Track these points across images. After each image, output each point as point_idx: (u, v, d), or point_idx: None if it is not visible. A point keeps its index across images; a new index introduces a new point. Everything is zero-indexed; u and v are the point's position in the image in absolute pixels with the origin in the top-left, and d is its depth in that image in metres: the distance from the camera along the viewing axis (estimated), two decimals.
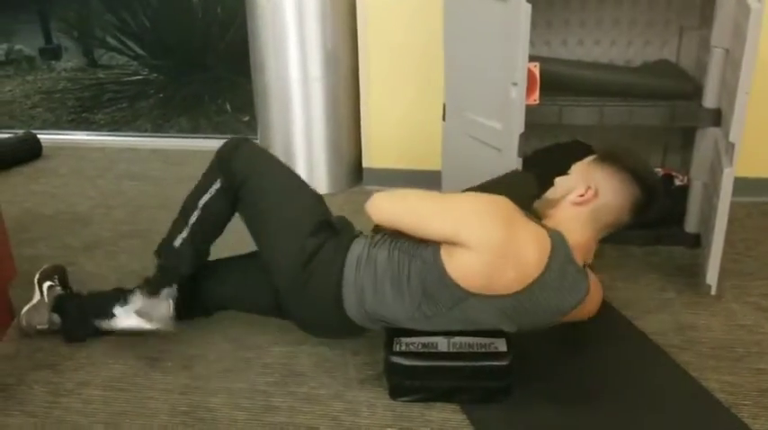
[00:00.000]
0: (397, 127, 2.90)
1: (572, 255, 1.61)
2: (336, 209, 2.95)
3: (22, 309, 1.99)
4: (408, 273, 1.63)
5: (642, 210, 1.69)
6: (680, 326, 2.00)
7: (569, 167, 2.54)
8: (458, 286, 1.57)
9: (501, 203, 1.60)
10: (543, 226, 1.63)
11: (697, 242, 2.34)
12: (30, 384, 1.81)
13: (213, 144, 3.51)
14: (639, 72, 2.46)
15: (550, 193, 1.77)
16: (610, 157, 1.72)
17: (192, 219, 1.84)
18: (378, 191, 1.71)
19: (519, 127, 2.02)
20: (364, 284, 1.67)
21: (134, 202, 2.91)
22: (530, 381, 1.72)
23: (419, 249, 1.63)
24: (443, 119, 2.40)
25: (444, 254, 1.58)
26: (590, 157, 1.78)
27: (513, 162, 2.05)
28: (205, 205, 1.84)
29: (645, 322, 2.02)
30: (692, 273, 2.25)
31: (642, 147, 2.67)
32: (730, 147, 1.95)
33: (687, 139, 2.56)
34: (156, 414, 1.68)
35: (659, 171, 2.61)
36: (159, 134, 3.68)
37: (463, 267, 1.56)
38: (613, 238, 2.20)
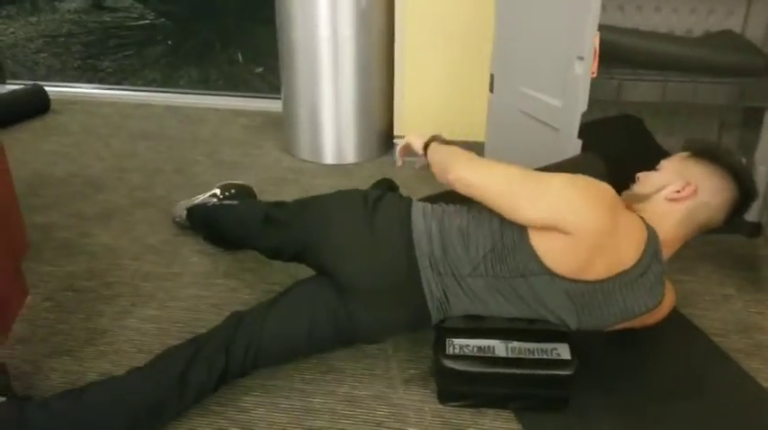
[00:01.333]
0: (433, 95, 2.72)
1: (660, 254, 1.48)
2: (363, 179, 2.81)
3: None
4: (480, 223, 1.52)
5: (738, 211, 1.56)
6: (744, 327, 1.86)
7: (621, 143, 2.40)
8: (539, 260, 1.44)
9: (603, 188, 1.46)
10: (640, 216, 1.50)
11: (757, 231, 2.19)
12: (47, 373, 1.67)
13: (228, 102, 3.38)
14: (704, 44, 2.27)
15: (638, 188, 1.62)
16: (709, 154, 1.58)
17: None
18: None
19: (582, 105, 1.84)
20: (432, 227, 1.55)
21: (149, 166, 2.74)
22: (588, 389, 1.59)
23: None
24: (491, 90, 2.22)
25: (533, 232, 1.45)
26: (683, 153, 1.62)
27: (571, 143, 1.88)
28: None
29: (704, 321, 1.88)
30: (753, 266, 2.11)
31: (697, 123, 2.50)
32: None
33: (747, 118, 2.40)
34: (179, 417, 1.55)
35: None
36: (172, 89, 3.49)
37: (555, 251, 1.42)
38: None
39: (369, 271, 1.55)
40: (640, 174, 1.64)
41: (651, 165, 2.36)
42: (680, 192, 1.53)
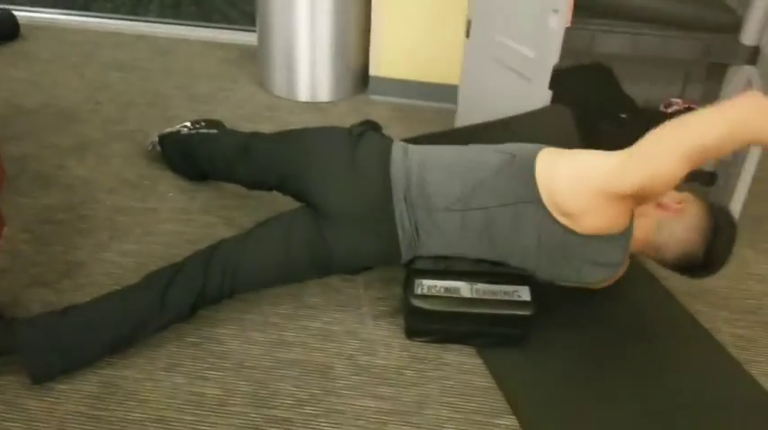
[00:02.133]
0: (410, 36, 2.72)
1: (630, 242, 1.60)
2: (339, 117, 2.84)
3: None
4: (471, 159, 1.62)
5: (686, 267, 1.65)
6: None
7: (590, 91, 2.46)
8: (535, 188, 1.53)
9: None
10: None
11: (712, 180, 2.29)
12: (26, 304, 1.73)
13: (201, 33, 3.33)
14: None
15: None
16: (717, 212, 1.64)
17: None
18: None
19: (553, 57, 1.89)
20: (411, 163, 1.63)
21: (123, 98, 2.72)
22: (545, 328, 1.70)
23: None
24: (467, 35, 2.24)
25: (541, 161, 1.56)
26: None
27: (542, 94, 1.93)
28: None
29: (655, 266, 1.98)
30: None
31: (662, 74, 2.56)
32: None
33: (711, 71, 2.46)
34: (163, 344, 1.63)
35: (678, 102, 2.52)
36: (144, 18, 3.41)
37: (561, 188, 1.52)
38: None
39: (346, 199, 1.62)
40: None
41: (616, 111, 2.44)
42: (672, 204, 1.61)
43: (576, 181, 1.50)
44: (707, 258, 1.61)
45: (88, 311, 1.57)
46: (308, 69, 2.75)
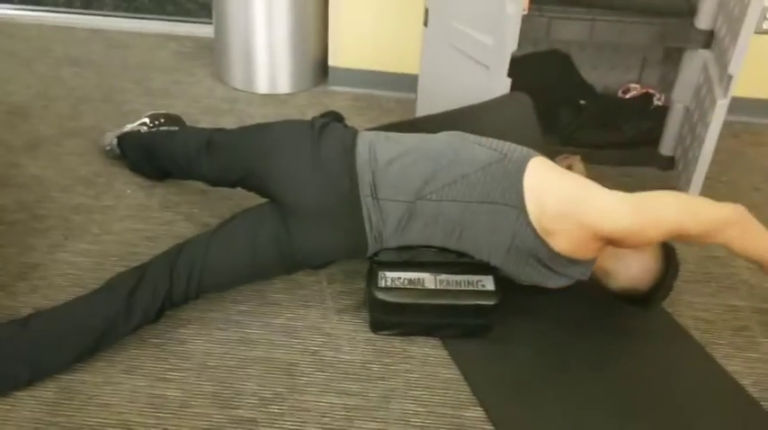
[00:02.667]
0: (369, 25, 2.70)
1: (592, 266, 1.64)
2: (299, 109, 2.81)
3: None
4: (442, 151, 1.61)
5: (624, 297, 1.71)
6: None
7: (548, 77, 2.46)
8: (522, 198, 1.53)
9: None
10: None
11: (670, 165, 2.32)
12: None
13: (156, 26, 3.26)
14: None
15: None
16: (671, 253, 1.70)
17: None
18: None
19: (512, 44, 1.88)
20: (377, 154, 1.61)
21: (76, 93, 2.66)
22: (510, 318, 1.69)
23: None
24: (425, 24, 2.23)
25: (530, 175, 1.56)
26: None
27: (501, 81, 1.93)
28: None
29: None
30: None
31: (620, 60, 2.58)
32: (727, 78, 1.88)
33: (668, 55, 2.49)
34: (123, 345, 1.59)
35: (637, 87, 2.54)
36: (97, 12, 3.33)
37: (548, 203, 1.53)
38: (588, 158, 2.18)
39: (311, 194, 1.59)
40: None
41: (575, 97, 2.45)
42: None
43: (564, 204, 1.51)
44: (647, 297, 1.68)
45: (52, 320, 1.53)
46: (266, 61, 2.71)
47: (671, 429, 1.50)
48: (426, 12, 2.21)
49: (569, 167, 2.11)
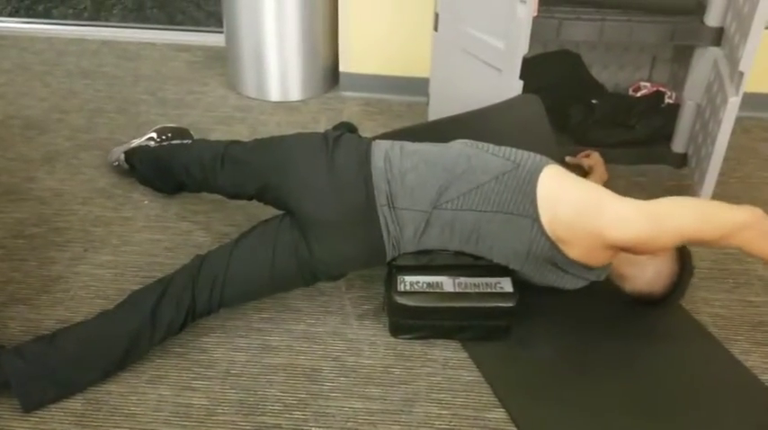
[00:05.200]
0: (378, 30, 2.71)
1: (608, 271, 1.67)
2: (311, 116, 2.82)
3: None
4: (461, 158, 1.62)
5: (638, 300, 1.73)
6: None
7: (559, 77, 2.47)
8: (536, 207, 1.54)
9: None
10: None
11: (683, 162, 2.32)
12: (5, 321, 1.70)
13: (167, 36, 3.29)
14: None
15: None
16: (686, 257, 1.71)
17: None
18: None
19: (523, 48, 1.89)
20: (392, 164, 1.62)
21: (90, 106, 2.68)
22: (529, 319, 1.70)
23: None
24: (435, 29, 2.24)
25: (543, 183, 1.57)
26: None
27: (513, 84, 1.94)
28: None
29: None
30: (680, 195, 2.23)
31: (630, 58, 2.58)
32: (738, 75, 1.89)
33: (678, 53, 2.49)
34: (147, 356, 1.60)
35: (647, 86, 2.55)
36: (108, 23, 3.36)
37: (564, 212, 1.55)
38: (602, 157, 2.19)
39: (329, 208, 1.61)
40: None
41: (586, 97, 2.46)
42: None
43: (577, 214, 1.53)
44: (661, 300, 1.70)
45: (78, 338, 1.55)
46: (277, 69, 2.73)
47: (693, 427, 1.51)
48: (436, 16, 2.23)
49: (590, 167, 2.12)
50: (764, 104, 2.68)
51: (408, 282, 1.64)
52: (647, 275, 1.67)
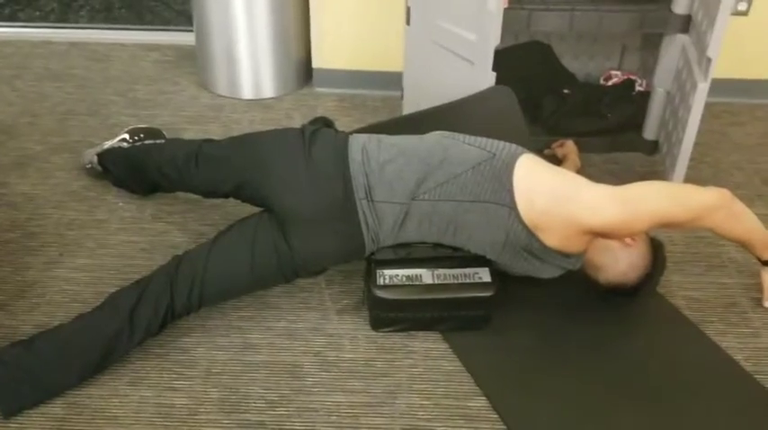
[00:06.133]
0: (351, 24, 2.70)
1: (583, 259, 1.67)
2: (285, 113, 2.82)
3: None
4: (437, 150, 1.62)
5: (610, 291, 1.73)
6: None
7: (531, 68, 2.49)
8: (512, 196, 1.55)
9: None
10: None
11: (655, 149, 2.35)
12: None
13: (136, 36, 3.26)
14: None
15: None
16: (659, 248, 1.72)
17: None
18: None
19: (495, 39, 1.91)
20: (370, 157, 1.63)
21: (60, 108, 2.65)
22: (508, 308, 1.72)
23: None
24: (407, 23, 2.25)
25: (519, 173, 1.58)
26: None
27: (486, 76, 1.95)
28: None
29: None
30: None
31: (600, 48, 2.61)
32: (706, 61, 1.91)
33: (647, 41, 2.52)
34: (127, 357, 1.60)
35: (618, 74, 2.57)
36: (75, 24, 3.32)
37: (540, 202, 1.56)
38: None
39: (307, 203, 1.60)
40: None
41: (558, 87, 2.48)
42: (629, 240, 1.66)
43: (553, 200, 1.55)
44: (634, 291, 1.71)
45: (56, 341, 1.54)
46: (249, 66, 2.72)
47: (671, 408, 1.53)
48: (408, 10, 2.23)
49: (564, 156, 2.14)
50: (733, 90, 2.72)
51: (387, 275, 1.65)
52: (619, 266, 1.68)
